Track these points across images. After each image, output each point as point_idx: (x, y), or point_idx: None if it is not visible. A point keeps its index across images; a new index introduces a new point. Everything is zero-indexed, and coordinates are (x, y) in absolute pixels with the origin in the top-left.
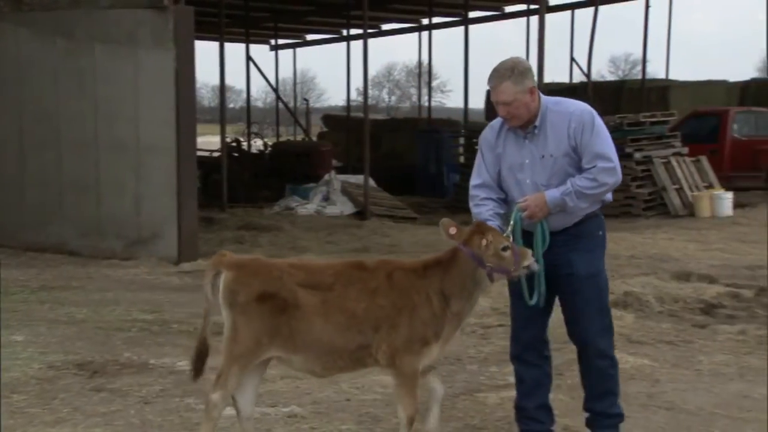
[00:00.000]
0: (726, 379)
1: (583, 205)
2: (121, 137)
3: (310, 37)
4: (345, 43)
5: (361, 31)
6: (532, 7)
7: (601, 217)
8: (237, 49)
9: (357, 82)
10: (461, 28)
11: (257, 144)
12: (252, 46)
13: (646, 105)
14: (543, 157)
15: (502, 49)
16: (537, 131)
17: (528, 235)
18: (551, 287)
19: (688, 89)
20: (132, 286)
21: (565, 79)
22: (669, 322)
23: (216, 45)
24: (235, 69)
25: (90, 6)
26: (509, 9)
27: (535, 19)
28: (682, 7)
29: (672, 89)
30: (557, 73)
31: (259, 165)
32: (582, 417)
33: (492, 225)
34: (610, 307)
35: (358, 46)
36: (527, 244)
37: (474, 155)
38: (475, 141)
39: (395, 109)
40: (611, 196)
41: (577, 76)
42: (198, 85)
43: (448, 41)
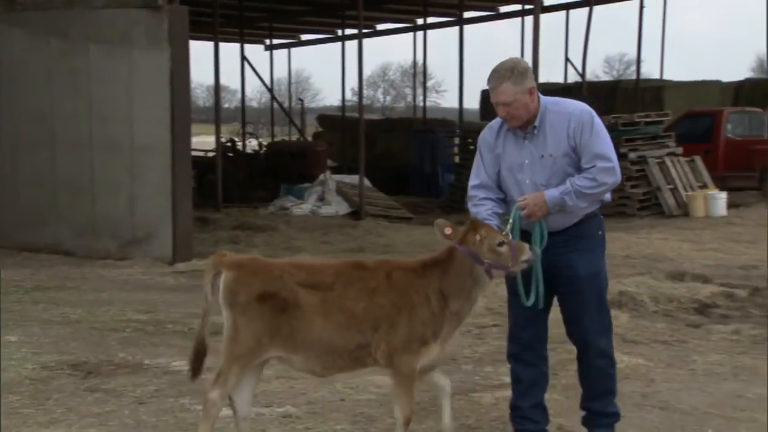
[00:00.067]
0: (720, 378)
1: (582, 205)
2: (115, 137)
3: (305, 37)
4: (340, 43)
5: (356, 31)
6: (527, 7)
7: (601, 217)
8: (232, 49)
9: (352, 82)
10: (456, 28)
11: (252, 144)
12: (247, 46)
13: (640, 105)
14: (542, 157)
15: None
16: (536, 131)
17: (526, 235)
18: (551, 287)
19: (682, 89)
20: (126, 286)
21: (560, 79)
22: (663, 321)
23: (211, 45)
24: (230, 69)
25: (84, 6)
26: (504, 9)
27: (529, 19)
28: (677, 8)
29: (666, 89)
30: (552, 73)
31: (254, 165)
32: (577, 416)
33: (489, 224)
34: (609, 306)
35: (353, 46)
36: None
37: (469, 155)
38: (469, 141)
39: (390, 109)
40: (610, 196)
41: (572, 76)
42: (193, 85)
43: (443, 41)
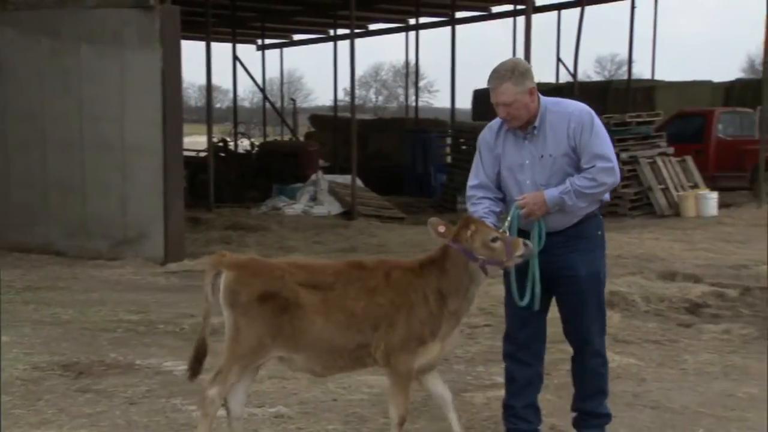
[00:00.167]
0: (711, 378)
1: (581, 205)
2: (106, 137)
3: (297, 37)
4: (332, 43)
5: (348, 31)
6: (519, 7)
7: (600, 217)
8: (224, 49)
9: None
10: (448, 28)
11: (244, 144)
12: (239, 46)
13: (632, 105)
14: (542, 157)
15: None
16: (536, 132)
17: (525, 235)
18: (550, 287)
19: (673, 89)
20: (118, 286)
21: (552, 79)
22: (655, 321)
23: (203, 45)
24: (222, 69)
25: (75, 5)
26: (496, 9)
27: (521, 19)
28: (668, 8)
29: (657, 89)
30: (543, 73)
31: (246, 165)
32: (569, 417)
33: (482, 220)
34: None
35: (345, 46)
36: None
37: (461, 155)
38: (461, 141)
39: (382, 109)
40: (609, 196)
41: (564, 77)
42: (184, 85)
43: (435, 41)
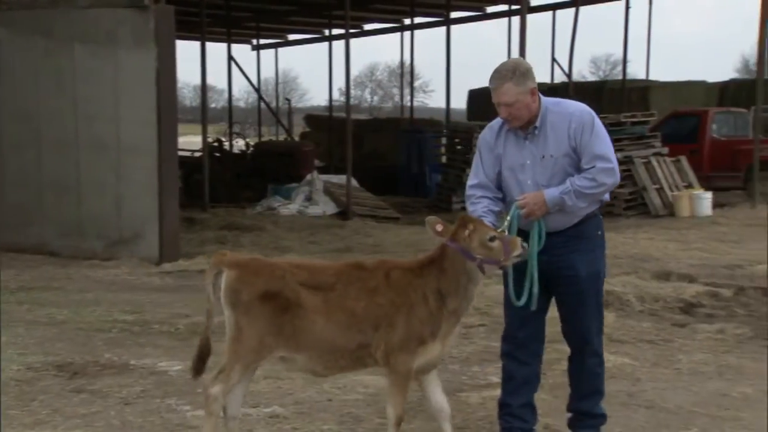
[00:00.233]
0: (705, 377)
1: (581, 205)
2: (101, 137)
3: (292, 37)
4: (327, 43)
5: (343, 31)
6: (514, 7)
7: (600, 217)
8: (218, 49)
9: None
10: (443, 29)
11: (239, 144)
12: (234, 46)
13: (626, 105)
14: (543, 157)
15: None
16: (537, 132)
17: (525, 235)
18: (550, 287)
19: (668, 89)
20: (113, 286)
21: (546, 79)
22: (649, 321)
23: (197, 44)
24: (217, 69)
25: (69, 5)
26: (491, 9)
27: (516, 19)
28: (662, 8)
29: (652, 89)
30: (538, 73)
31: (241, 165)
32: (564, 417)
33: (480, 219)
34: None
35: (340, 46)
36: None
37: (456, 155)
38: (456, 141)
39: (377, 109)
40: (608, 197)
41: (559, 77)
42: (179, 85)
43: (430, 41)
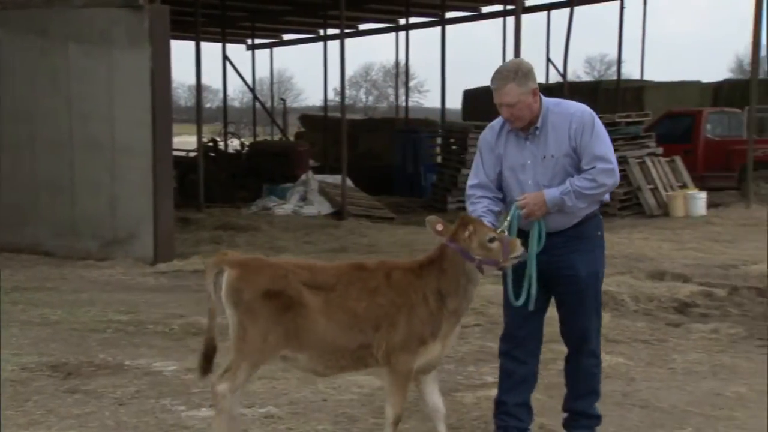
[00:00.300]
0: (699, 377)
1: (581, 205)
2: (96, 137)
3: (287, 37)
4: (322, 43)
5: (338, 30)
6: (509, 7)
7: (600, 218)
8: (213, 49)
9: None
10: (438, 29)
11: (234, 144)
12: (229, 46)
13: (621, 105)
14: (544, 157)
15: (479, 49)
16: (538, 132)
17: (525, 235)
18: (549, 287)
19: (662, 90)
20: (107, 286)
21: (541, 79)
22: (644, 320)
23: (192, 44)
24: (212, 68)
25: (64, 5)
26: (486, 9)
27: (511, 19)
28: (657, 9)
29: (647, 90)
30: None
31: (236, 165)
32: (559, 416)
33: (481, 219)
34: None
35: (335, 45)
36: (523, 245)
37: (451, 155)
38: (452, 141)
39: (372, 109)
40: (609, 197)
41: (553, 77)
42: (174, 85)
43: (425, 41)
